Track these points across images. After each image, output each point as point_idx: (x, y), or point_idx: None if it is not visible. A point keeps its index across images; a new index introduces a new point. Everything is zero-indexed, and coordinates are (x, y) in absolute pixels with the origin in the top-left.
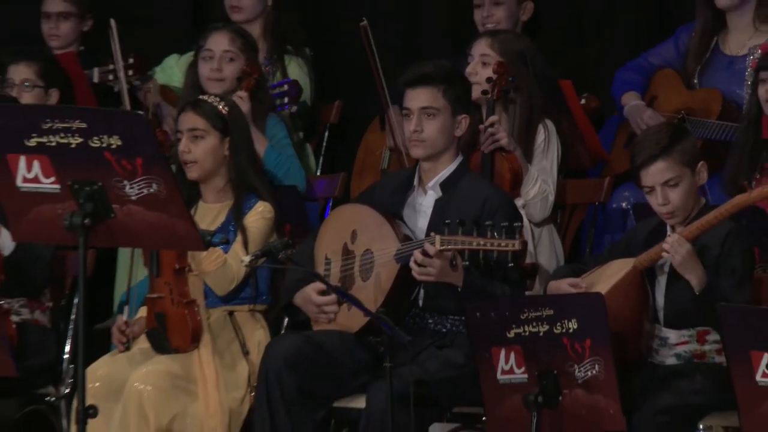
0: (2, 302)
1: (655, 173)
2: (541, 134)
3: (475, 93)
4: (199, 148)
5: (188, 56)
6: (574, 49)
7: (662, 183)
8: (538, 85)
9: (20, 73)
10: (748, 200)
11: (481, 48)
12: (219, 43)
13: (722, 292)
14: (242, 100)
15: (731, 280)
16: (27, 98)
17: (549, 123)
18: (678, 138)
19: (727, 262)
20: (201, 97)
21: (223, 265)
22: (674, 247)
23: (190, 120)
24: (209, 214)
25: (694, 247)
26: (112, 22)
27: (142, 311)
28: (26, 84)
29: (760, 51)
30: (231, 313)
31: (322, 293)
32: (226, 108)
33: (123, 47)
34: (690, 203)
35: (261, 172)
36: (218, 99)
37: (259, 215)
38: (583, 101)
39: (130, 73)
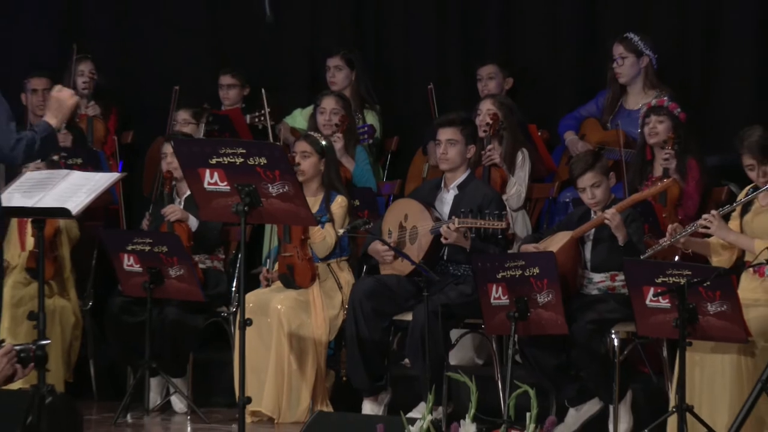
0: (194, 257)
1: (586, 180)
2: (520, 156)
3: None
4: (306, 163)
5: (308, 110)
6: (536, 105)
7: (590, 185)
8: (519, 127)
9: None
10: (642, 197)
11: (487, 105)
12: (329, 103)
13: (635, 245)
14: (339, 138)
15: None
16: (192, 131)
17: (525, 150)
18: (597, 159)
19: (629, 232)
20: (309, 132)
21: (324, 239)
22: (613, 217)
23: (302, 146)
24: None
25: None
26: (263, 91)
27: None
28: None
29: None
30: (328, 265)
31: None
32: (324, 141)
33: (268, 103)
34: (606, 197)
35: (340, 179)
36: (319, 135)
37: (338, 205)
38: (540, 133)
39: (268, 116)
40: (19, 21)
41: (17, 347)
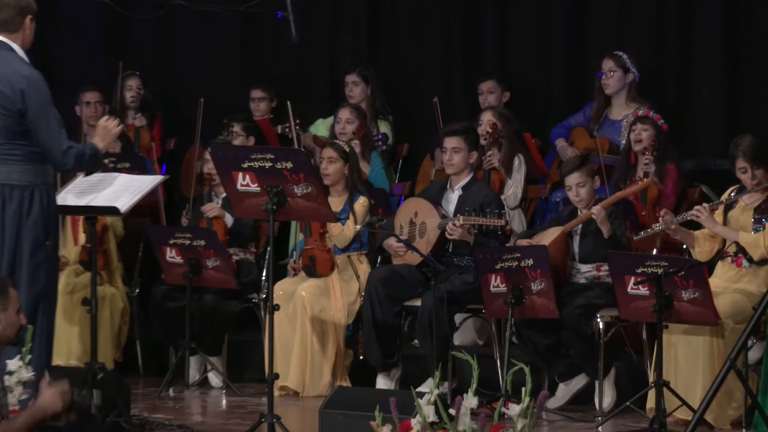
0: (229, 250)
1: (573, 179)
2: (516, 161)
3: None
4: (332, 167)
5: (329, 119)
6: (531, 116)
7: (576, 184)
8: (515, 135)
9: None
10: (624, 194)
11: (487, 116)
12: (344, 114)
13: (618, 238)
14: (356, 144)
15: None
16: (241, 142)
17: (520, 156)
18: (584, 162)
19: (613, 227)
20: (334, 141)
21: (342, 232)
22: (599, 212)
23: (328, 152)
24: (333, 204)
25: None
26: (288, 103)
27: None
28: (242, 134)
29: (633, 116)
30: (348, 256)
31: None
32: (347, 147)
33: (294, 115)
34: (591, 197)
35: (362, 181)
36: (343, 142)
37: (360, 204)
38: (534, 141)
39: (297, 127)
40: (73, 40)
41: (76, 395)
